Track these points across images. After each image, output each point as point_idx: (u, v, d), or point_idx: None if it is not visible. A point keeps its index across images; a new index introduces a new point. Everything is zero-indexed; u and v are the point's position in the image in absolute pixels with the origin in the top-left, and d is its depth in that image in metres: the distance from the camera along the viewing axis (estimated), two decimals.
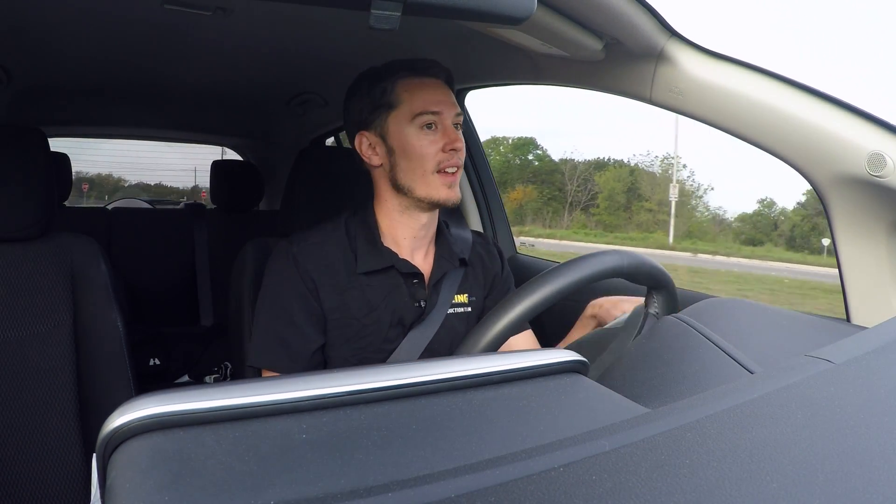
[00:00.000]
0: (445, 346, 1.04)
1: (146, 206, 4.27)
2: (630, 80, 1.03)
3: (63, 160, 2.37)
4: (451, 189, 0.99)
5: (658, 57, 0.97)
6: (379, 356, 0.99)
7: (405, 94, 0.99)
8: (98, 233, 2.26)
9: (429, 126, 0.98)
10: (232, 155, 3.12)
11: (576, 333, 1.10)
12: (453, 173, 0.99)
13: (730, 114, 0.93)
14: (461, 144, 0.99)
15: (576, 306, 1.43)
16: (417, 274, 1.02)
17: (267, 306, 0.99)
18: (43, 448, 1.06)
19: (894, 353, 0.52)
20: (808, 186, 0.90)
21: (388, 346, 1.00)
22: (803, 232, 22.63)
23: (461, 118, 1.02)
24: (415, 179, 0.99)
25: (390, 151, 1.00)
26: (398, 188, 1.00)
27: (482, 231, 1.85)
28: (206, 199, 7.21)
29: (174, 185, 19.76)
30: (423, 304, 1.02)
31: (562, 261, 0.79)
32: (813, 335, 0.66)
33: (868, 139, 0.83)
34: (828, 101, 0.86)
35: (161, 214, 2.77)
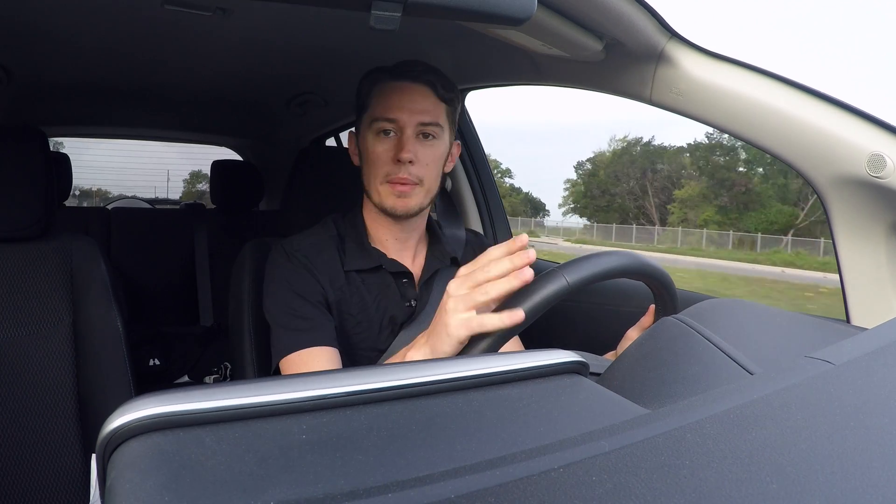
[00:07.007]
0: None
1: (146, 206, 4.27)
2: (630, 80, 1.03)
3: (63, 160, 2.37)
4: (399, 198, 0.94)
5: (658, 57, 0.97)
6: (370, 355, 0.99)
7: (373, 98, 0.97)
8: (98, 233, 2.26)
9: (385, 132, 0.95)
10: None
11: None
12: (402, 185, 0.93)
13: (730, 114, 0.93)
14: (408, 156, 0.92)
15: (576, 306, 1.43)
16: (406, 273, 1.01)
17: (277, 296, 0.96)
18: (42, 448, 1.05)
19: (894, 355, 0.52)
20: None
21: (381, 346, 0.99)
22: None
23: (433, 128, 0.96)
24: (370, 184, 0.97)
25: (361, 153, 1.01)
26: (365, 190, 1.00)
27: (482, 231, 1.85)
28: None
29: None
30: (413, 303, 1.01)
31: (561, 261, 0.78)
32: (813, 336, 0.66)
33: (868, 140, 0.83)
34: (828, 101, 0.86)
35: (161, 214, 2.77)
